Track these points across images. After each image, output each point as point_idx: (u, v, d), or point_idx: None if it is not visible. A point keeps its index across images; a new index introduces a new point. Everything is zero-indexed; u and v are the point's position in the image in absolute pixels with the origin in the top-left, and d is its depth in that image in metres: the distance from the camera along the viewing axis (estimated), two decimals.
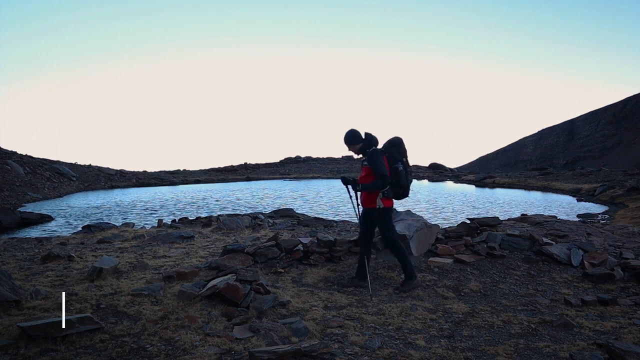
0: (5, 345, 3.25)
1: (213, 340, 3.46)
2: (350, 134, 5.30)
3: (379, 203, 5.13)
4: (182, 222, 11.21)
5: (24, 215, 13.93)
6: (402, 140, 5.35)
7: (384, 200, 5.16)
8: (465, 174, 37.62)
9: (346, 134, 5.32)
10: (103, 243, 8.04)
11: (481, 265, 6.12)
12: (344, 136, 5.34)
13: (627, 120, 73.05)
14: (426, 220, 6.94)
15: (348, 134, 5.31)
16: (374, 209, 5.18)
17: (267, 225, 10.41)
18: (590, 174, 27.91)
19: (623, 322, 4.25)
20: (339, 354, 3.36)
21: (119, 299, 4.37)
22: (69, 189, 24.95)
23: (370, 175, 5.15)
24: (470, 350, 3.59)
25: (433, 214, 14.79)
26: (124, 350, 3.29)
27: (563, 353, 3.52)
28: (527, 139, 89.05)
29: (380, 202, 5.13)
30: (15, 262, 6.39)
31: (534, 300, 5.02)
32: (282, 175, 37.48)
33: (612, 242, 7.61)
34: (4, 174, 22.42)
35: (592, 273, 5.71)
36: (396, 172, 5.13)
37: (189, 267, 5.43)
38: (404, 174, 5.17)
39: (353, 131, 5.30)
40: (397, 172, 5.13)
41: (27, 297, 4.34)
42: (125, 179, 30.73)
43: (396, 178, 5.13)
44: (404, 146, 5.33)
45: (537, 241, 6.71)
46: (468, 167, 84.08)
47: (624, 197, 18.16)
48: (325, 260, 6.17)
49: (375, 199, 5.13)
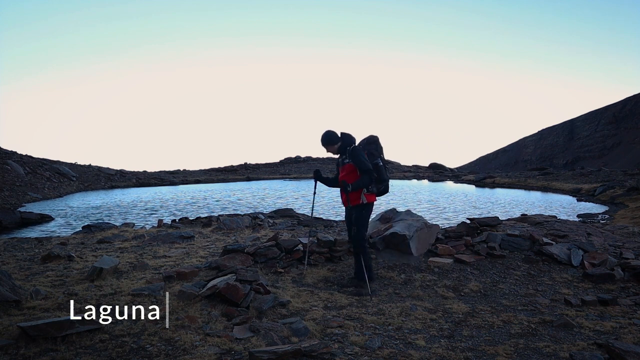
0: (5, 345, 3.25)
1: (213, 340, 3.46)
2: (328, 135, 5.34)
3: (363, 199, 5.18)
4: (182, 222, 11.21)
5: (24, 215, 13.92)
6: (378, 138, 5.49)
7: (368, 196, 5.21)
8: (465, 174, 37.62)
9: (323, 135, 5.35)
10: (103, 243, 8.04)
11: (481, 265, 6.12)
12: (321, 138, 5.36)
13: (627, 120, 73.05)
14: (426, 220, 6.94)
15: (325, 135, 5.34)
16: (358, 205, 5.21)
17: (267, 225, 10.41)
18: (590, 174, 27.91)
19: (623, 322, 4.26)
20: (339, 354, 3.36)
21: (119, 299, 4.37)
22: (69, 189, 24.94)
23: (353, 173, 5.19)
24: (470, 350, 3.59)
25: (435, 214, 14.77)
26: (124, 350, 3.29)
27: (563, 353, 3.52)
28: (527, 139, 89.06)
29: (364, 197, 5.18)
30: (16, 262, 6.39)
31: (534, 300, 5.02)
32: (282, 175, 37.48)
33: (612, 242, 7.61)
34: (4, 174, 22.42)
35: (592, 273, 5.71)
36: (377, 167, 5.25)
37: (189, 267, 5.43)
38: (384, 169, 5.31)
39: (330, 132, 5.35)
40: (379, 168, 5.25)
41: (27, 297, 4.34)
42: (125, 179, 30.72)
43: (378, 173, 5.25)
44: (380, 144, 5.46)
45: (537, 241, 6.71)
46: (468, 167, 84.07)
47: (624, 197, 18.16)
48: (325, 260, 6.17)
49: (359, 195, 5.18)
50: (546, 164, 68.22)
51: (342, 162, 5.32)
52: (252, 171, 39.93)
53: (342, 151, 5.32)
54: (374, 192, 5.24)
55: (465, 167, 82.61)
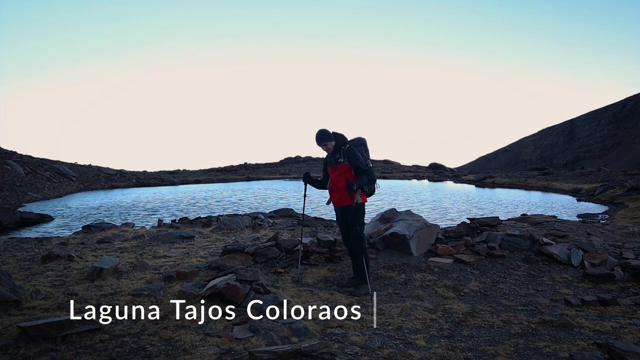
0: (5, 345, 3.25)
1: (213, 340, 3.46)
2: (324, 131, 5.31)
3: (357, 198, 5.15)
4: (182, 222, 11.21)
5: (24, 215, 13.92)
6: (366, 140, 5.51)
7: (362, 196, 5.21)
8: (465, 174, 37.61)
9: (319, 132, 5.30)
10: (103, 243, 8.04)
11: (481, 265, 6.12)
12: (317, 135, 5.30)
13: (627, 120, 73.04)
14: (426, 220, 6.94)
15: (321, 132, 5.30)
16: (351, 205, 5.17)
17: (267, 225, 10.41)
18: (590, 174, 27.90)
19: (623, 322, 4.25)
20: (339, 354, 3.36)
21: (119, 299, 4.37)
22: (69, 189, 24.94)
23: (347, 173, 5.17)
24: (470, 350, 3.59)
25: (435, 214, 14.75)
26: (124, 350, 3.29)
27: (563, 353, 3.52)
28: (527, 139, 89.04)
29: (358, 197, 5.16)
30: (16, 262, 6.39)
31: (534, 300, 5.02)
32: (282, 175, 37.47)
33: (612, 242, 7.61)
34: (4, 174, 22.42)
35: (592, 273, 5.71)
36: (369, 168, 5.22)
37: (189, 267, 5.43)
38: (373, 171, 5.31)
39: (324, 129, 5.32)
40: (370, 169, 5.23)
41: (27, 297, 4.34)
42: (125, 179, 30.72)
43: (370, 175, 5.22)
44: (367, 146, 5.49)
45: (537, 241, 6.71)
46: (468, 167, 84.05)
47: (624, 197, 18.15)
48: (325, 260, 6.17)
49: (355, 195, 5.14)
50: (546, 164, 68.22)
51: (335, 161, 5.26)
52: (252, 171, 39.93)
53: (337, 150, 5.28)
54: (366, 192, 5.25)
55: (465, 167, 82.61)
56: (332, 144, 5.30)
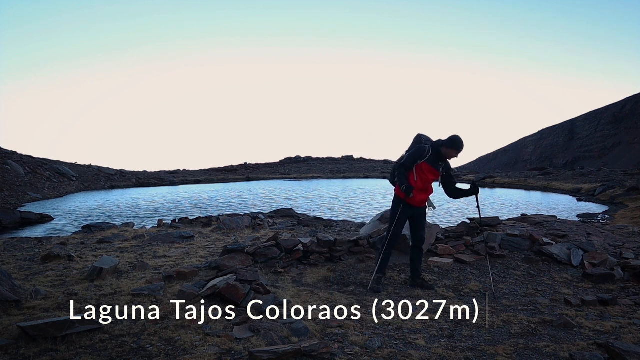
0: (5, 345, 3.25)
1: (213, 340, 3.46)
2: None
3: (433, 205, 5.58)
4: (182, 222, 11.21)
5: (24, 215, 13.91)
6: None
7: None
8: (465, 174, 37.59)
9: (461, 140, 5.12)
10: (103, 243, 8.04)
11: (481, 265, 6.12)
12: (463, 144, 5.13)
13: (627, 120, 73.03)
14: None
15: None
16: (425, 208, 5.49)
17: (267, 225, 10.41)
18: (590, 174, 27.89)
19: (623, 322, 4.25)
20: (339, 354, 3.35)
21: (119, 299, 4.37)
22: (69, 189, 24.93)
23: (435, 180, 5.38)
24: (470, 350, 3.59)
25: (440, 215, 14.74)
26: (124, 350, 3.29)
27: (563, 353, 3.52)
28: (527, 139, 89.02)
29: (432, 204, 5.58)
30: (15, 262, 6.39)
31: (534, 300, 5.02)
32: (282, 175, 37.46)
33: (612, 242, 7.61)
34: (4, 174, 22.42)
35: (592, 273, 5.71)
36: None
37: (189, 267, 5.43)
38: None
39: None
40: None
41: (27, 297, 4.34)
42: (125, 179, 30.71)
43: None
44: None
45: (537, 241, 6.71)
46: (468, 167, 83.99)
47: (624, 197, 18.15)
48: (325, 260, 6.17)
49: (431, 201, 5.51)
50: (546, 164, 68.24)
51: (438, 167, 5.26)
52: (252, 171, 39.92)
53: (441, 158, 5.24)
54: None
55: (465, 167, 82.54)
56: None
